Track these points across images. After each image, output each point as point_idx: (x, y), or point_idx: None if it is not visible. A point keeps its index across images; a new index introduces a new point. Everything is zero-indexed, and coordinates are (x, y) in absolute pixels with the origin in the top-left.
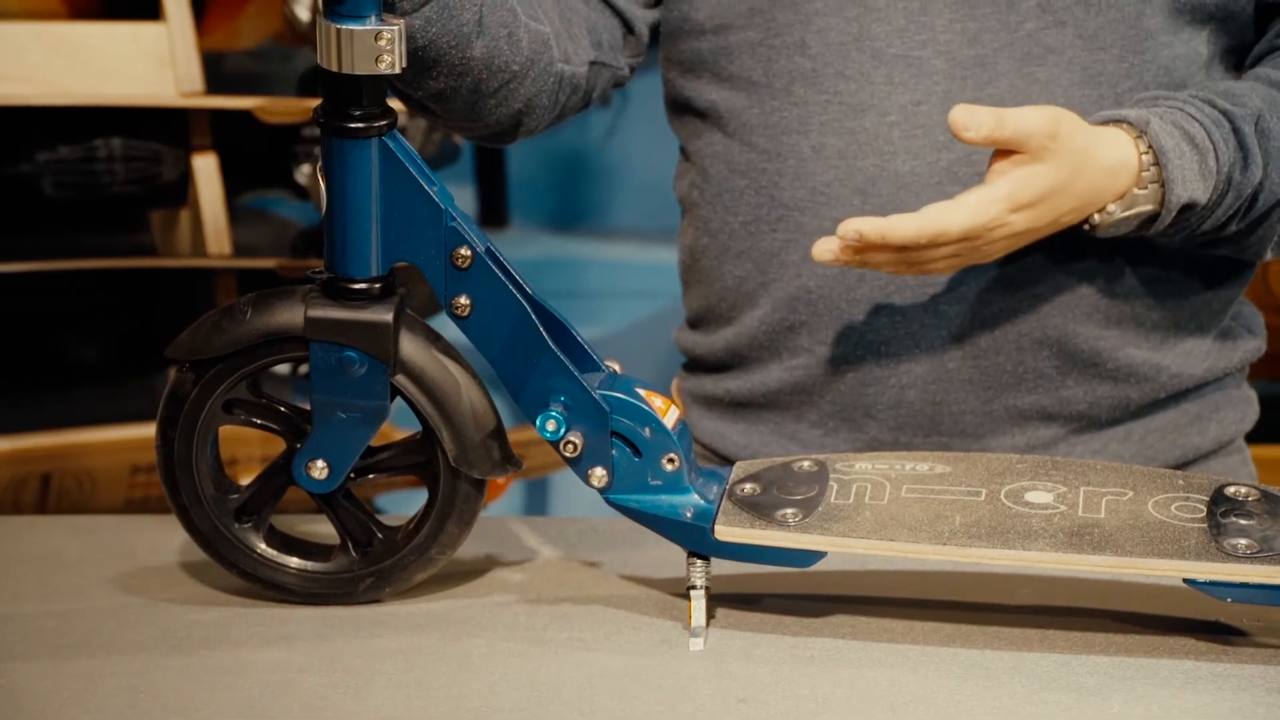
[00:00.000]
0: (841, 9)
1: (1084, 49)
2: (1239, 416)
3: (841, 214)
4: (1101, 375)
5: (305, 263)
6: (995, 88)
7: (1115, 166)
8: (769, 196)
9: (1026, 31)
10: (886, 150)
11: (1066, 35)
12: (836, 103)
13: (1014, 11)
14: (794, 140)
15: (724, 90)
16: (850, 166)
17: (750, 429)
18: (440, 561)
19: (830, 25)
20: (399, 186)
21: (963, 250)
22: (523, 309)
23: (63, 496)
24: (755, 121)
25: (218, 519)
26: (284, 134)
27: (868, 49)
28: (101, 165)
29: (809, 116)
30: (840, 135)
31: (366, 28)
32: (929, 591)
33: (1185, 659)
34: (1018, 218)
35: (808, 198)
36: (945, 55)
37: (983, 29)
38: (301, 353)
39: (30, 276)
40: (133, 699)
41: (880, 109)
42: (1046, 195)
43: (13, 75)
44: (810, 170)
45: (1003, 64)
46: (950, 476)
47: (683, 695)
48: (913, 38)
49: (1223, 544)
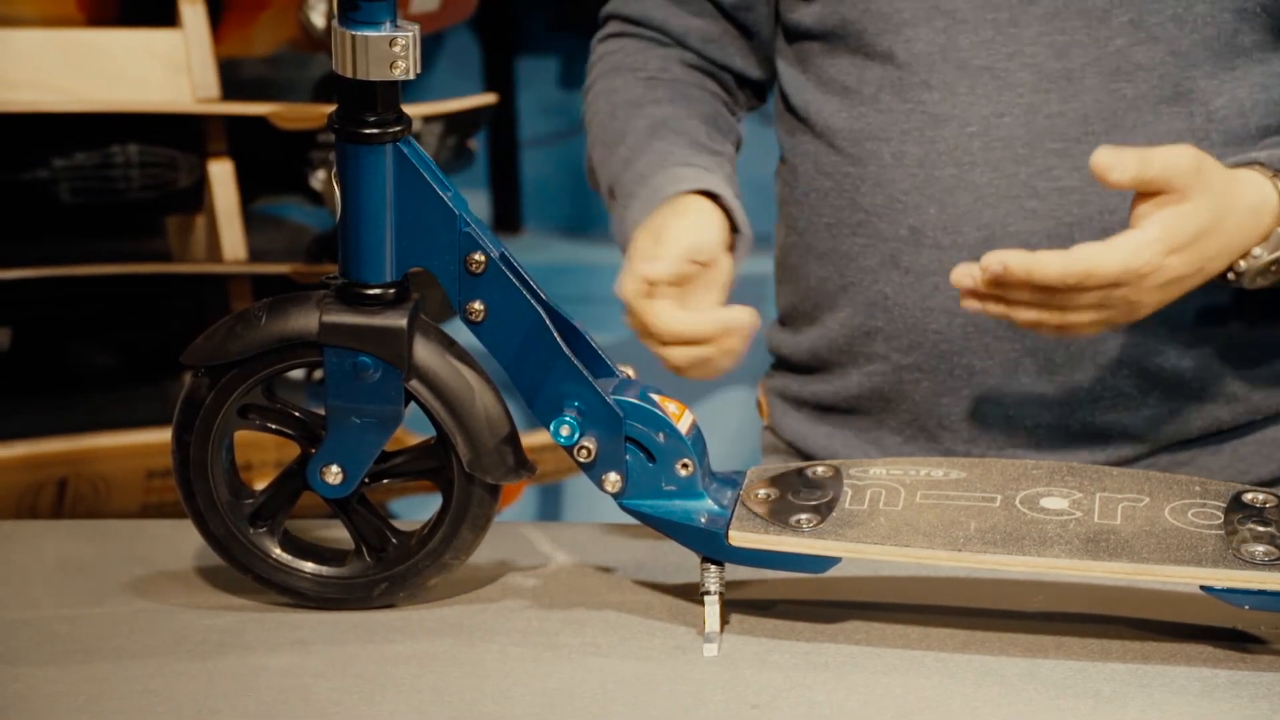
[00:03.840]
0: (930, 19)
1: (1175, 65)
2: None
3: (918, 222)
4: (1187, 396)
5: (320, 268)
6: (1080, 102)
7: (1257, 205)
8: (850, 200)
9: (1116, 47)
10: (965, 161)
11: (1158, 51)
12: (919, 112)
13: (1105, 26)
14: (876, 146)
15: (819, 92)
16: (928, 175)
17: (833, 432)
18: (454, 567)
19: (918, 35)
20: (413, 192)
21: (1112, 301)
22: (536, 314)
23: (78, 501)
24: (842, 125)
25: (233, 524)
26: (299, 140)
27: (953, 59)
28: (117, 171)
29: (891, 124)
30: (920, 144)
31: (381, 34)
32: (943, 598)
33: (1202, 666)
34: (1173, 261)
35: (886, 204)
36: (1031, 68)
37: (1071, 43)
38: (316, 358)
39: (46, 282)
40: (147, 703)
41: (961, 119)
42: (1199, 236)
43: (29, 82)
44: (890, 177)
45: (1090, 79)
46: (965, 482)
47: (696, 701)
48: (999, 50)
49: (1240, 550)
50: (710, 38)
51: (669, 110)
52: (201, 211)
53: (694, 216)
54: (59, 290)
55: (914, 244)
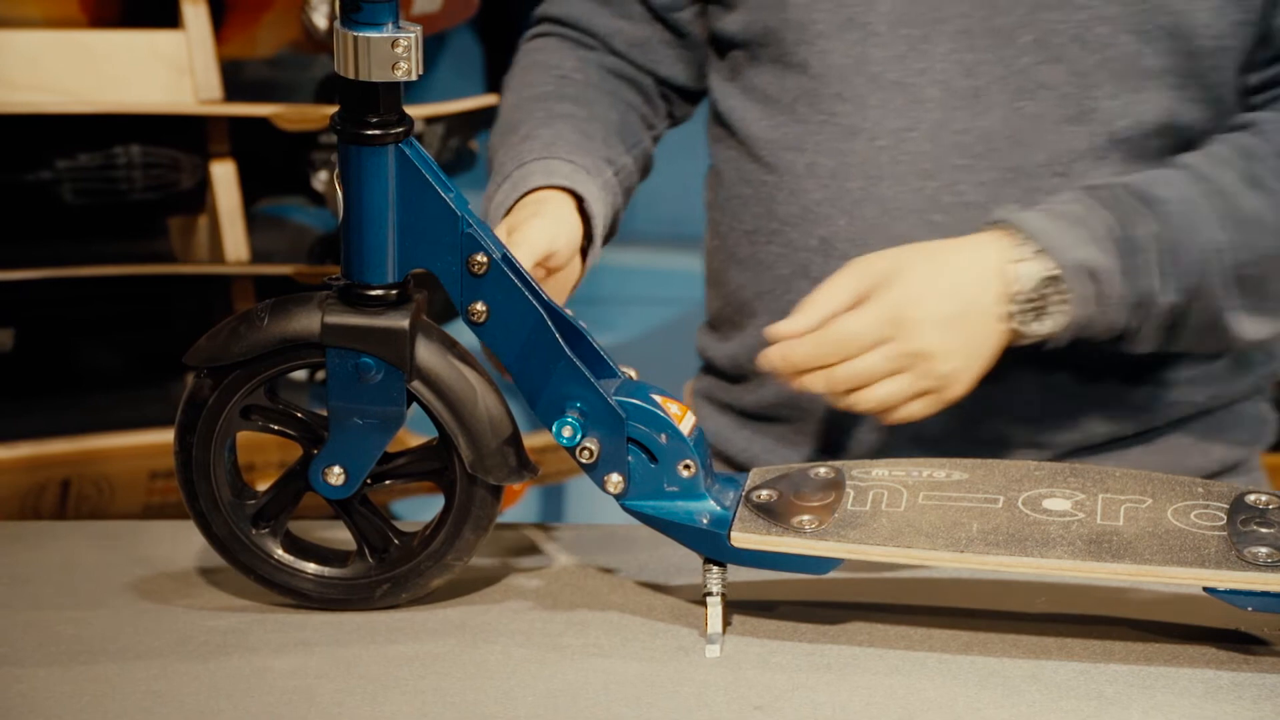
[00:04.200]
0: (844, 32)
1: (1077, 85)
2: (1250, 437)
3: (829, 232)
4: (1091, 405)
5: (322, 269)
6: (986, 119)
7: (959, 246)
8: (767, 208)
9: (1021, 66)
10: (873, 174)
11: (1061, 71)
12: (832, 124)
13: (1011, 45)
14: (791, 156)
15: (743, 100)
16: (839, 187)
17: (753, 437)
18: (456, 568)
19: (832, 47)
20: (415, 193)
21: (894, 362)
22: (539, 315)
23: (82, 502)
24: (761, 134)
25: (235, 525)
26: (301, 141)
27: (865, 73)
28: (120, 173)
29: (806, 135)
30: (832, 155)
31: (384, 35)
32: (946, 599)
33: (1206, 668)
34: (858, 317)
35: (799, 214)
36: (940, 84)
37: (979, 61)
38: (318, 359)
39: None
40: (150, 704)
41: (871, 133)
42: (883, 279)
43: (33, 84)
44: (803, 187)
45: (995, 96)
46: (967, 484)
47: (698, 702)
48: (911, 65)
49: (1243, 552)
50: (636, 41)
51: (571, 109)
52: (204, 212)
53: (551, 218)
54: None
55: (824, 254)
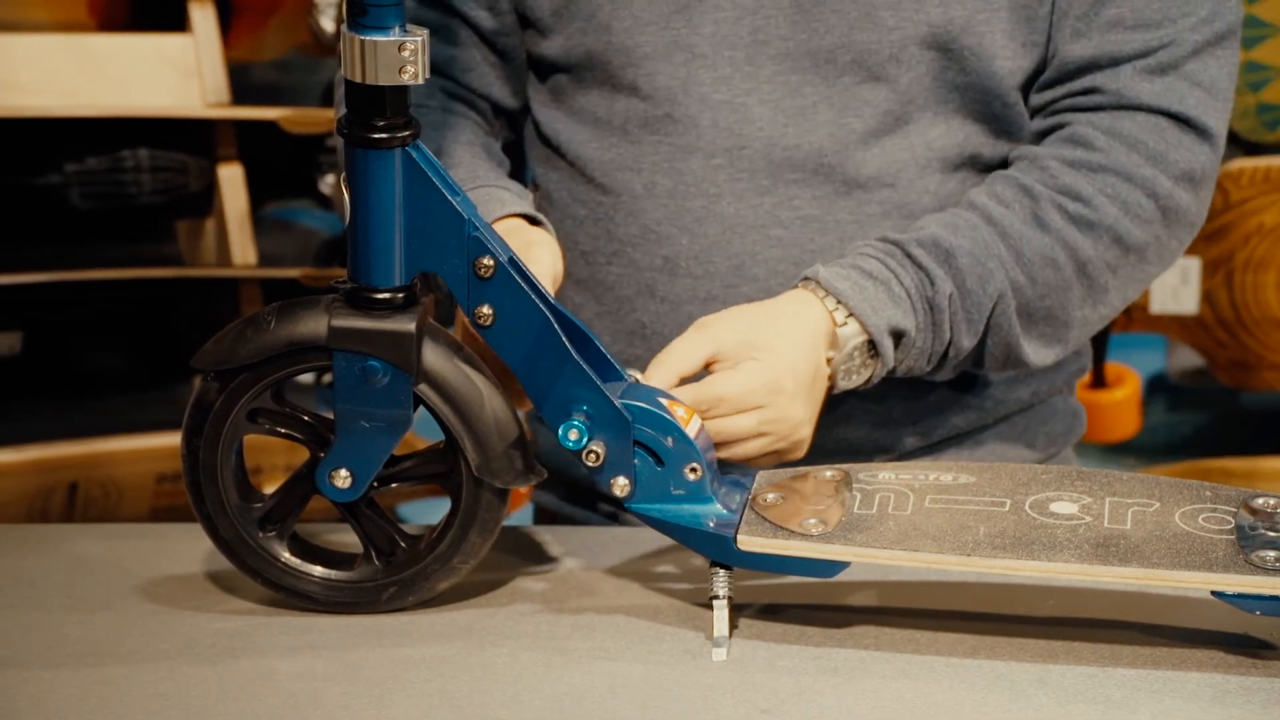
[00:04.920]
0: (670, 54)
1: (896, 102)
2: (1065, 429)
3: (671, 252)
4: (927, 409)
5: (329, 272)
6: (815, 136)
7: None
8: (605, 229)
9: (844, 85)
10: (712, 192)
11: (880, 90)
12: (666, 144)
13: (833, 66)
14: (628, 177)
15: (570, 123)
16: (679, 206)
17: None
18: (463, 571)
19: (659, 70)
20: (422, 196)
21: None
22: (545, 318)
23: (89, 505)
24: (594, 156)
25: (242, 528)
26: (308, 144)
27: (695, 94)
28: (128, 176)
29: (642, 155)
30: (669, 175)
31: (390, 38)
32: (953, 602)
33: (1214, 672)
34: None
35: (640, 234)
36: (769, 104)
37: (804, 81)
38: (325, 362)
39: (57, 286)
40: (157, 706)
41: (706, 151)
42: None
43: (41, 87)
44: (642, 207)
45: (822, 114)
46: (974, 487)
47: (705, 705)
48: (738, 85)
49: (1251, 556)
50: (468, 66)
51: (450, 136)
52: (211, 216)
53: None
54: (69, 294)
55: (668, 273)
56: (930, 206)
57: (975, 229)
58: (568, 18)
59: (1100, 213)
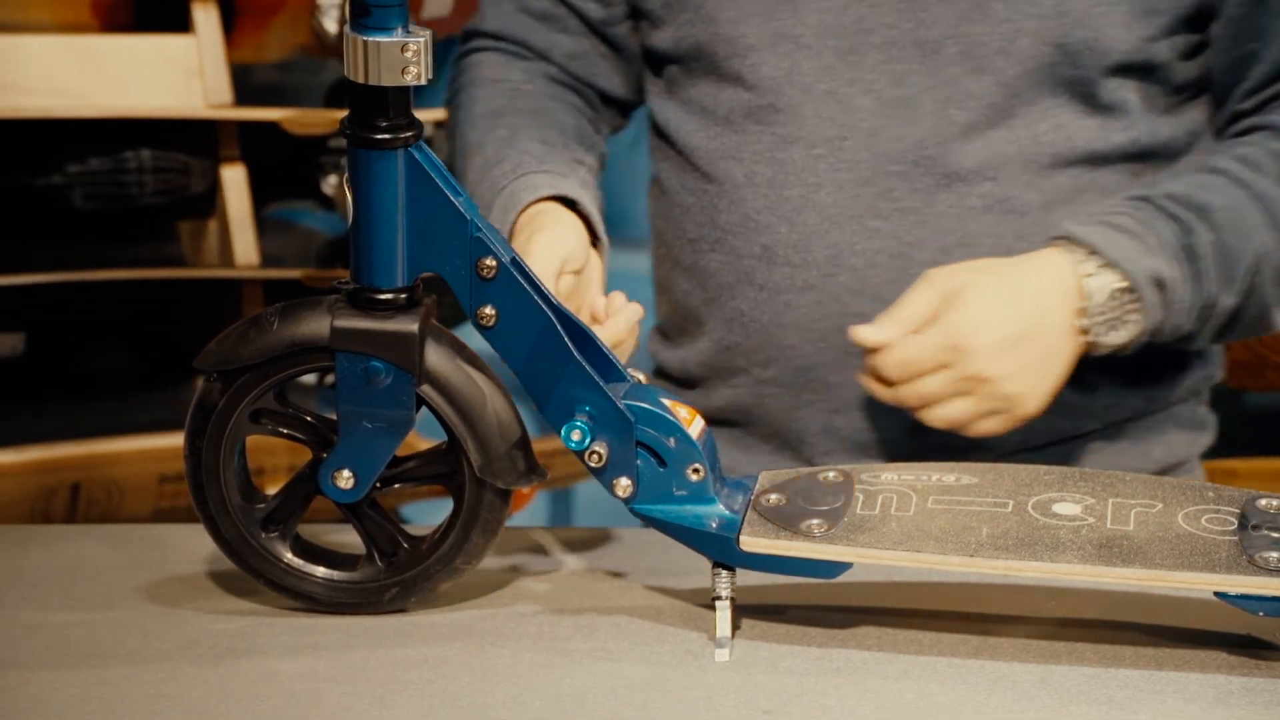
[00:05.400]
0: (775, 45)
1: (1002, 94)
2: (1188, 440)
3: (770, 241)
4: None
5: (331, 273)
6: (917, 127)
7: (1034, 266)
8: (709, 217)
9: (948, 76)
10: (811, 181)
11: (986, 81)
12: (769, 133)
13: (938, 56)
14: (729, 166)
15: (680, 112)
16: (778, 195)
17: None
18: (465, 571)
19: (764, 60)
20: (425, 197)
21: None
22: (547, 319)
23: (91, 506)
24: (700, 145)
25: (244, 528)
26: (311, 145)
27: (798, 84)
28: (131, 177)
29: (744, 145)
30: (770, 165)
31: (393, 39)
32: (956, 603)
33: (1216, 673)
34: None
35: (740, 223)
36: (872, 94)
37: (908, 71)
38: (328, 363)
39: (60, 287)
40: (159, 707)
41: (808, 141)
42: (950, 299)
43: (44, 88)
44: (743, 196)
45: (925, 105)
46: (977, 488)
47: (707, 706)
48: (841, 75)
49: (1254, 557)
50: (574, 55)
51: (529, 120)
52: (214, 216)
53: (552, 230)
54: (72, 295)
55: (767, 262)
56: (1034, 201)
57: (1227, 189)
58: (677, 9)
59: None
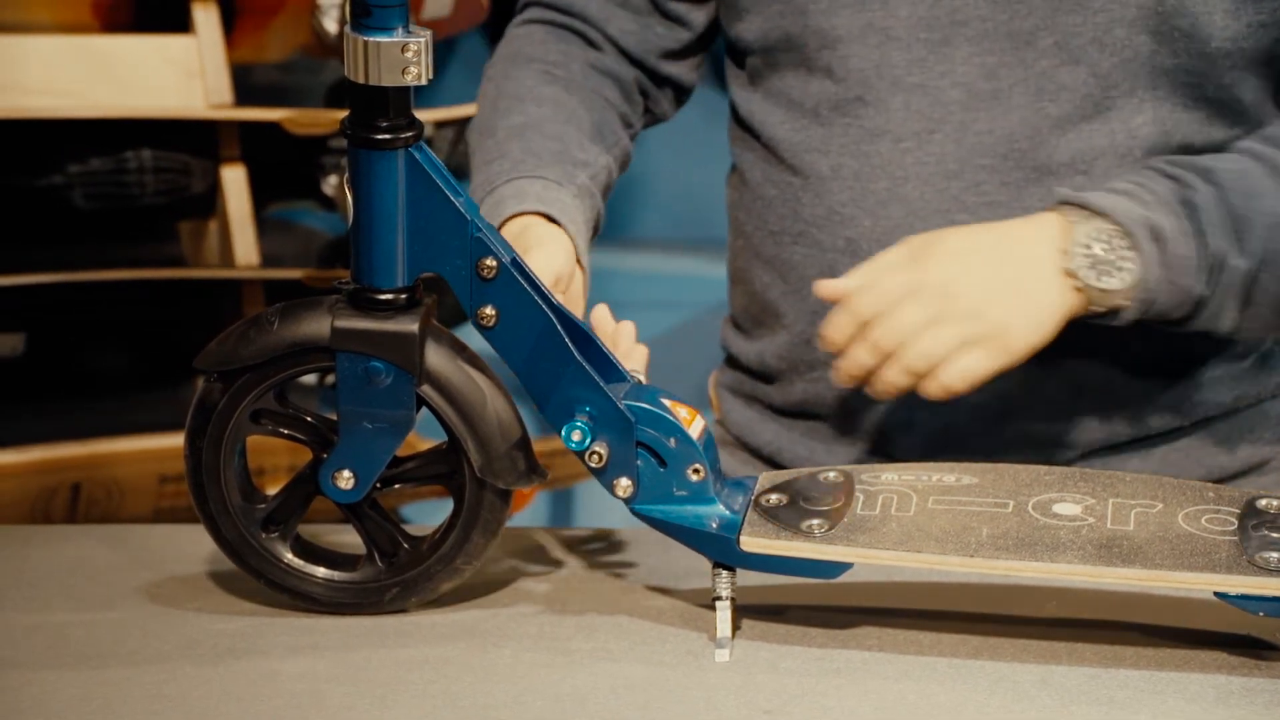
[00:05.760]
0: (865, 36)
1: (1097, 86)
2: (1276, 436)
3: (854, 233)
4: (1117, 404)
5: (332, 273)
6: (1008, 120)
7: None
8: (792, 210)
9: (1041, 69)
10: (898, 175)
11: (1080, 73)
12: (856, 126)
13: (1031, 49)
14: (815, 159)
15: (764, 104)
16: (864, 188)
17: (781, 431)
18: (466, 572)
19: (853, 52)
20: (425, 197)
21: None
22: (548, 319)
23: (92, 506)
24: (786, 137)
25: (245, 529)
26: (311, 145)
27: (888, 76)
28: (131, 177)
29: (831, 137)
30: (856, 157)
31: (393, 39)
32: (956, 603)
33: (1217, 673)
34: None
35: (825, 215)
36: (962, 86)
37: (1000, 64)
38: (328, 363)
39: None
40: (160, 708)
41: (895, 134)
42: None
43: (44, 88)
44: (828, 189)
45: (1017, 98)
46: (977, 488)
47: (708, 706)
48: (932, 68)
49: (1254, 557)
50: (631, 30)
51: (547, 111)
52: (214, 217)
53: (538, 249)
54: (72, 295)
55: (851, 255)
56: None
57: (1236, 159)
58: (765, 0)
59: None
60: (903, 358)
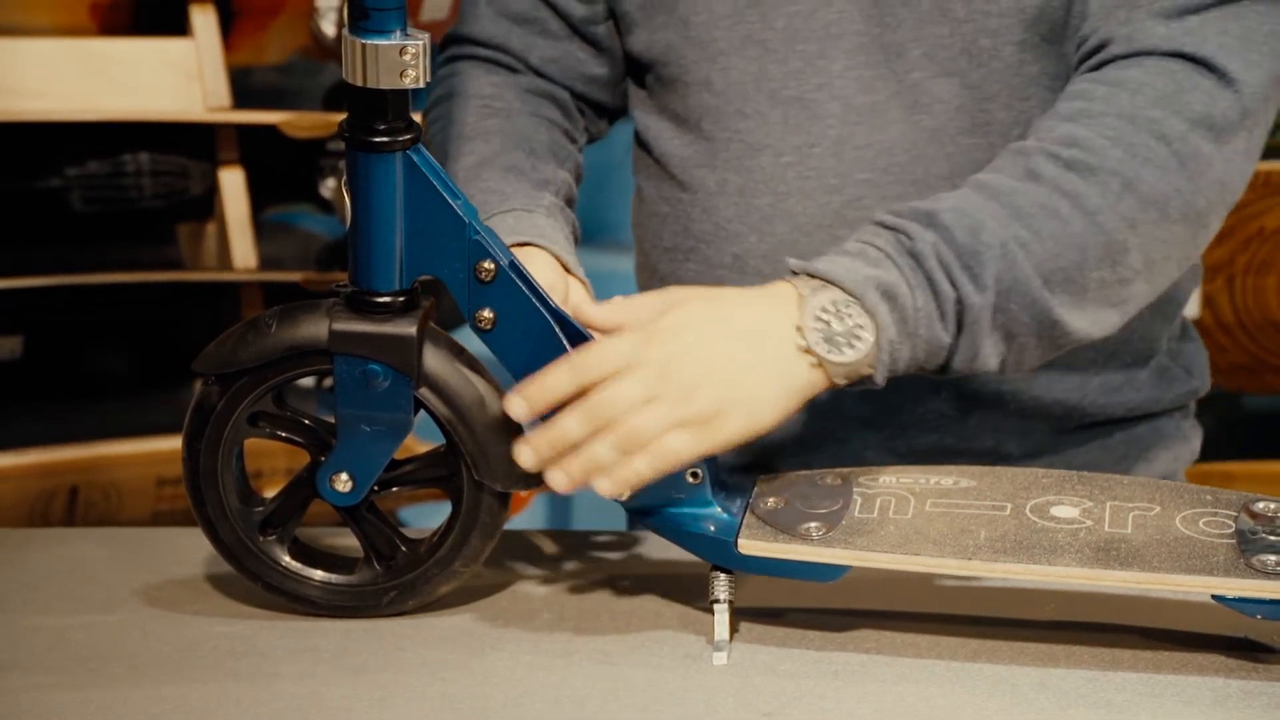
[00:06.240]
0: (742, 49)
1: (970, 98)
2: (1173, 456)
3: (741, 250)
4: (1006, 413)
5: (330, 276)
6: (885, 135)
7: (754, 295)
8: (683, 226)
9: (914, 81)
10: (781, 190)
11: (952, 85)
12: (737, 140)
13: (903, 61)
14: (702, 174)
15: (656, 119)
16: (748, 204)
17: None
18: (464, 574)
19: (731, 64)
20: (423, 200)
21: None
22: (546, 322)
23: (90, 509)
24: (675, 152)
25: (243, 532)
26: (309, 148)
27: (765, 89)
28: (129, 180)
29: (714, 152)
30: (740, 172)
31: (391, 42)
32: (954, 606)
33: (1214, 676)
34: (618, 339)
35: (712, 231)
36: (839, 100)
37: (875, 77)
38: (326, 366)
39: (58, 290)
40: (159, 711)
41: (775, 149)
42: (665, 307)
43: (42, 91)
44: (714, 204)
45: (893, 112)
46: (975, 491)
47: (706, 709)
48: (809, 81)
49: (1251, 560)
50: (553, 57)
51: (496, 145)
52: (213, 219)
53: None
54: (71, 298)
55: (738, 271)
56: None
57: (960, 194)
58: (651, 11)
59: (1100, 156)
60: (616, 430)
